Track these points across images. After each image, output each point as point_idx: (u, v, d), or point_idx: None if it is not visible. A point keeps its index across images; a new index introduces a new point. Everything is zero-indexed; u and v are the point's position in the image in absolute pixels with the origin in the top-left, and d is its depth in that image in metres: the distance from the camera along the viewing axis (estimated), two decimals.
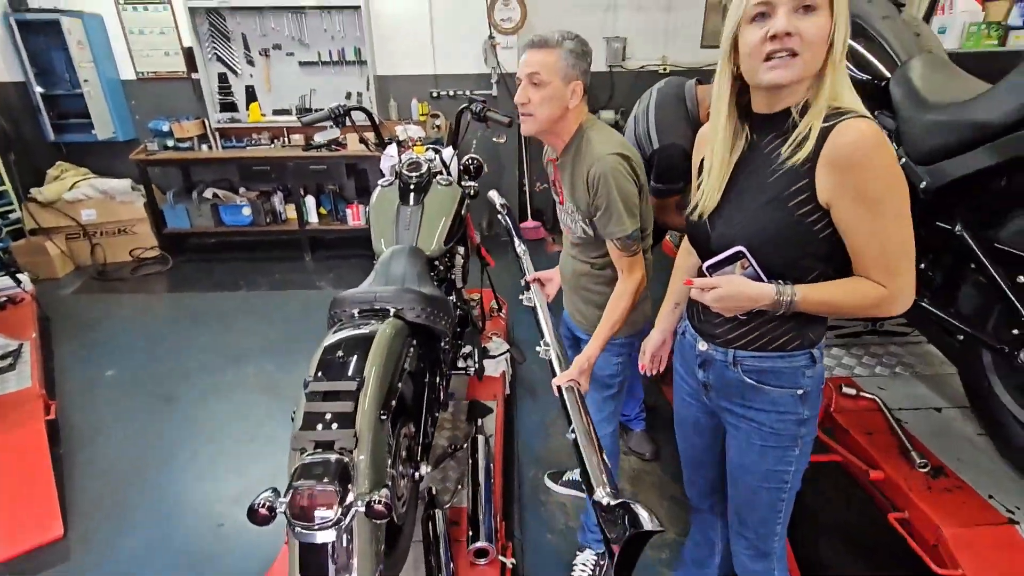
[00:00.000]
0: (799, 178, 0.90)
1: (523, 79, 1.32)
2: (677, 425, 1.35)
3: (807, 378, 1.03)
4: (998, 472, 1.12)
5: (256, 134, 4.64)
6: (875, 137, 0.83)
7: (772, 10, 0.85)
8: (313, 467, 1.09)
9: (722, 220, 1.01)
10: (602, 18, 4.57)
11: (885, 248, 0.87)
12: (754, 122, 0.99)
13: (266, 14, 4.37)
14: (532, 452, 2.34)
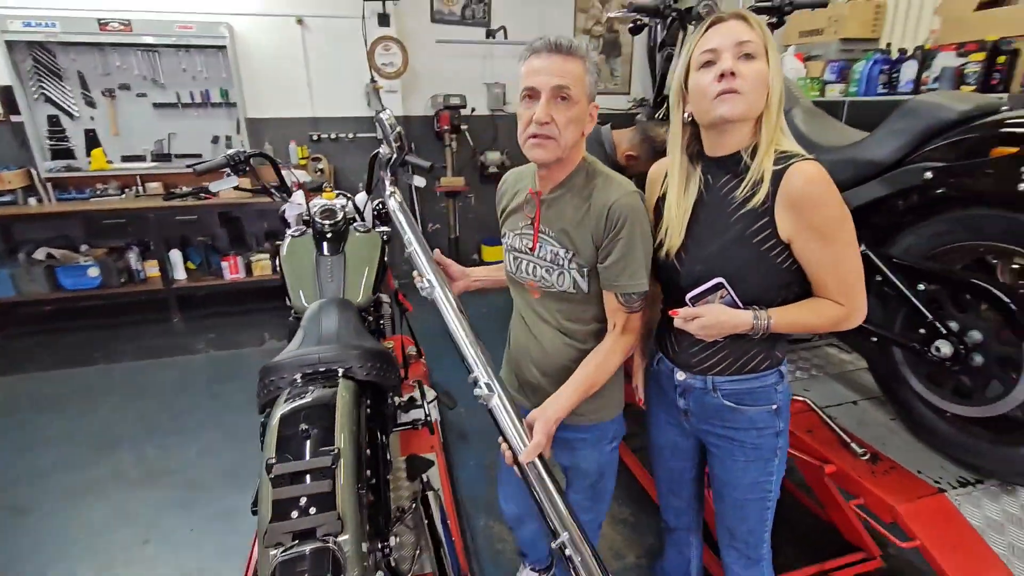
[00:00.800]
0: (760, 217, 1.00)
1: (545, 91, 1.03)
2: (655, 452, 1.38)
3: (779, 393, 1.13)
4: (916, 450, 1.33)
5: (101, 184, 4.04)
6: (824, 177, 0.96)
7: (718, 56, 0.97)
8: (297, 564, 0.94)
9: (689, 257, 1.09)
10: (481, 64, 4.77)
11: (840, 273, 0.99)
12: (707, 165, 1.09)
13: (108, 51, 3.88)
14: (478, 500, 2.26)
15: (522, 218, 1.22)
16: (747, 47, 0.95)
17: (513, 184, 1.28)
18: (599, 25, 4.98)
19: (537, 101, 1.05)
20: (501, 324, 1.45)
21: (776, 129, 1.00)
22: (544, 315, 1.25)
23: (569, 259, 1.16)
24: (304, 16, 4.16)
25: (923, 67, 2.62)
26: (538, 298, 1.25)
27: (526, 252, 1.23)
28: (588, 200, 1.13)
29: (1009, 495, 1.19)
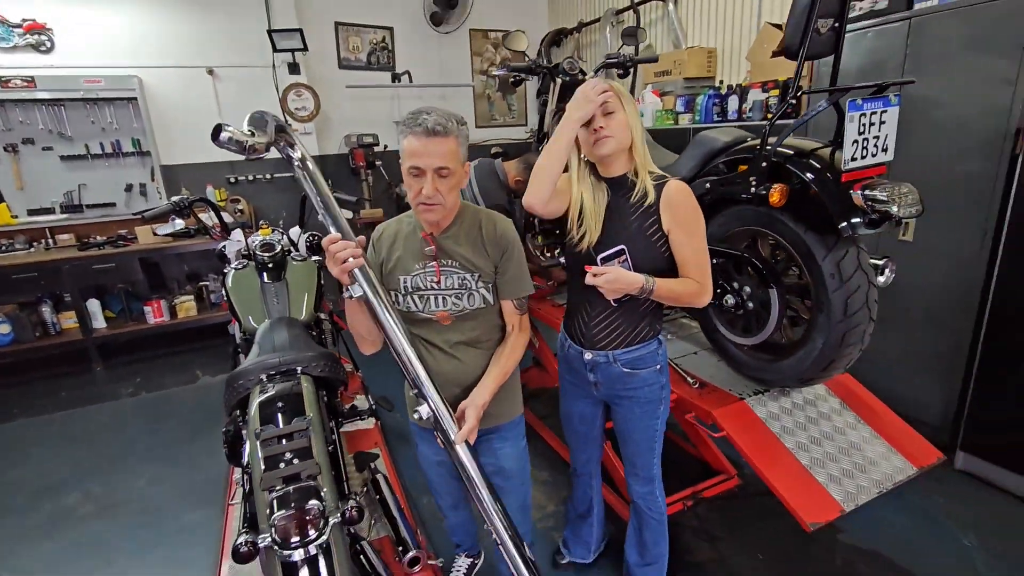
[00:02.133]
0: (650, 216, 1.38)
1: (429, 171, 1.24)
2: (567, 419, 1.75)
3: (660, 356, 1.50)
4: (729, 376, 1.88)
5: (5, 240, 3.99)
6: (688, 191, 1.38)
7: (592, 118, 1.35)
8: (289, 497, 1.27)
9: (603, 246, 1.43)
10: (389, 104, 5.18)
11: (697, 259, 1.37)
12: (607, 183, 1.45)
13: (9, 107, 3.89)
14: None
15: (417, 260, 1.38)
16: (607, 107, 1.34)
17: (392, 235, 1.43)
18: (493, 67, 5.58)
19: (423, 177, 1.25)
20: None
21: (644, 156, 1.42)
22: (457, 337, 1.43)
23: (476, 280, 1.39)
24: (215, 67, 4.39)
25: (742, 100, 3.37)
26: (450, 324, 1.42)
27: (431, 288, 1.39)
28: (479, 232, 1.39)
29: (784, 396, 1.75)
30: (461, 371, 1.45)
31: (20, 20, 3.84)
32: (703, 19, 3.92)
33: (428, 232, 1.38)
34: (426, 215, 1.31)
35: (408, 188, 1.30)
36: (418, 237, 1.39)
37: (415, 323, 1.43)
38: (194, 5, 4.25)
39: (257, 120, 1.28)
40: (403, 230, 1.43)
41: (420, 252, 1.39)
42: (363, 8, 4.88)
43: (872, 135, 1.39)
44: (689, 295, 1.39)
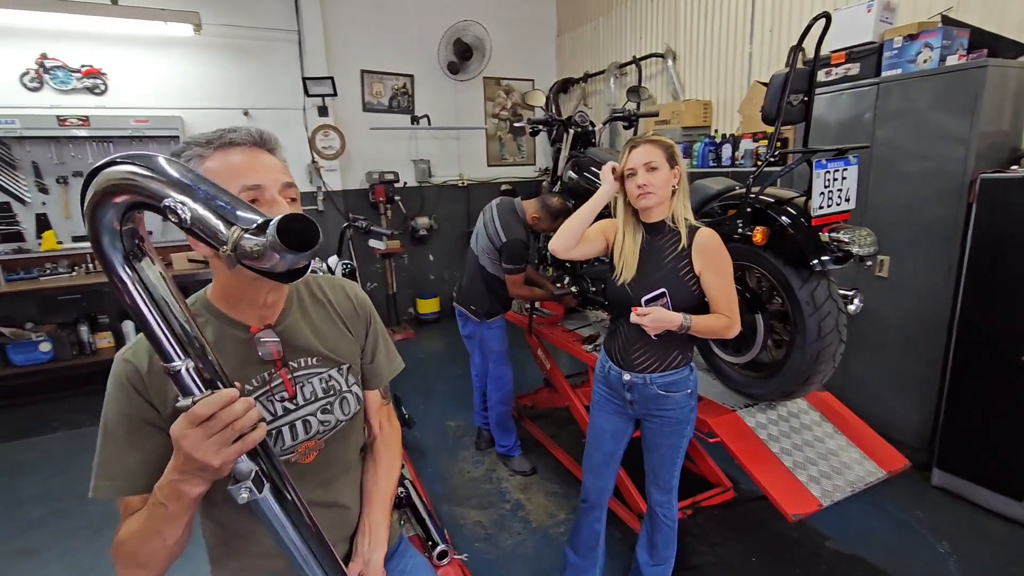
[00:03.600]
0: (682, 259, 1.56)
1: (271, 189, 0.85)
2: (596, 435, 1.83)
3: (691, 380, 1.67)
4: (722, 390, 2.13)
5: (50, 263, 4.28)
6: (717, 237, 1.56)
7: (635, 171, 1.56)
8: None
9: (638, 286, 1.59)
10: (408, 145, 5.57)
11: (726, 297, 1.54)
12: (645, 228, 1.64)
13: (64, 143, 4.24)
14: (438, 494, 2.79)
15: (244, 379, 0.88)
16: (652, 163, 1.53)
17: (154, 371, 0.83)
18: (504, 111, 5.99)
19: (264, 208, 0.83)
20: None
21: (684, 207, 1.61)
22: (329, 472, 0.98)
23: (347, 374, 0.99)
24: (250, 109, 4.78)
25: (735, 148, 3.72)
26: (314, 460, 0.96)
27: (283, 413, 0.92)
28: (328, 304, 1.02)
29: (771, 409, 2.00)
30: (346, 521, 1.02)
31: (79, 66, 4.23)
32: (699, 74, 4.31)
33: (258, 327, 0.90)
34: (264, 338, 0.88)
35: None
36: (234, 339, 0.88)
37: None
38: (235, 53, 4.67)
39: None
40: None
41: (249, 362, 0.89)
42: (387, 57, 5.31)
43: (836, 188, 1.69)
44: (721, 328, 1.53)
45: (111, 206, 0.64)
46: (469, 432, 3.33)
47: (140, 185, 0.62)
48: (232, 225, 0.60)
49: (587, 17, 5.51)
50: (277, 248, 0.58)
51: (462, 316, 2.95)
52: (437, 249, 5.88)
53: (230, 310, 0.89)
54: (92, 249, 0.68)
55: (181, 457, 0.71)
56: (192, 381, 0.69)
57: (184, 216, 0.61)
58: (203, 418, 0.67)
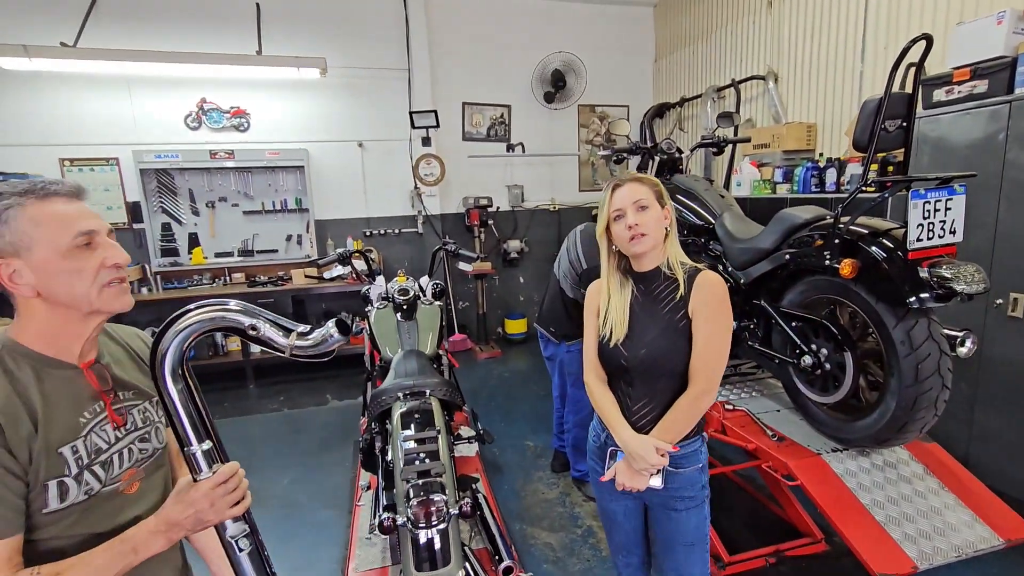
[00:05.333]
0: (679, 309, 1.36)
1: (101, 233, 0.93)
2: (609, 518, 1.61)
3: (702, 454, 1.45)
4: (811, 435, 1.99)
5: (197, 275, 5.00)
6: (721, 281, 1.37)
7: (623, 212, 1.37)
8: (425, 488, 1.63)
9: (633, 344, 1.40)
10: (502, 171, 5.81)
11: (707, 349, 1.33)
12: (637, 278, 1.45)
13: (214, 173, 4.97)
14: (512, 512, 2.85)
15: (80, 411, 0.92)
16: (641, 202, 1.35)
17: (4, 400, 0.84)
18: (599, 137, 6.06)
19: (96, 249, 0.90)
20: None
21: (677, 249, 1.43)
22: (150, 505, 1.01)
23: (156, 407, 1.06)
24: (364, 141, 5.28)
25: (840, 173, 3.47)
26: (137, 490, 1.00)
27: (115, 441, 0.96)
28: (126, 347, 1.08)
29: (863, 456, 1.84)
30: (175, 554, 1.11)
31: (229, 107, 4.96)
32: (803, 95, 4.10)
33: (89, 361, 0.96)
34: (124, 298, 0.95)
35: (75, 276, 0.88)
36: (61, 376, 0.92)
37: (96, 509, 0.92)
38: (352, 91, 5.20)
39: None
40: (21, 380, 0.87)
41: (79, 396, 0.93)
42: (486, 89, 5.62)
43: (938, 219, 1.56)
44: (692, 410, 1.35)
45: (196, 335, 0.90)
46: (547, 453, 3.37)
47: (231, 319, 0.90)
48: (290, 333, 0.91)
49: (685, 41, 5.46)
50: (336, 337, 0.90)
51: (543, 338, 3.02)
52: (527, 271, 6.03)
53: (47, 350, 0.91)
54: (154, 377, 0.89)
55: (185, 512, 0.90)
56: (205, 459, 0.93)
57: (258, 334, 0.90)
58: (221, 481, 0.91)
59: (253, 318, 0.90)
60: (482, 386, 4.64)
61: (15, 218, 0.85)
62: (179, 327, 0.88)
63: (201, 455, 0.93)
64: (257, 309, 0.92)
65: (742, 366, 2.63)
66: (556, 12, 5.64)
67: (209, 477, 0.92)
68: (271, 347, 0.91)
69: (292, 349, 0.91)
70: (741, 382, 2.52)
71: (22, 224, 0.85)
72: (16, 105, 4.49)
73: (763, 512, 2.64)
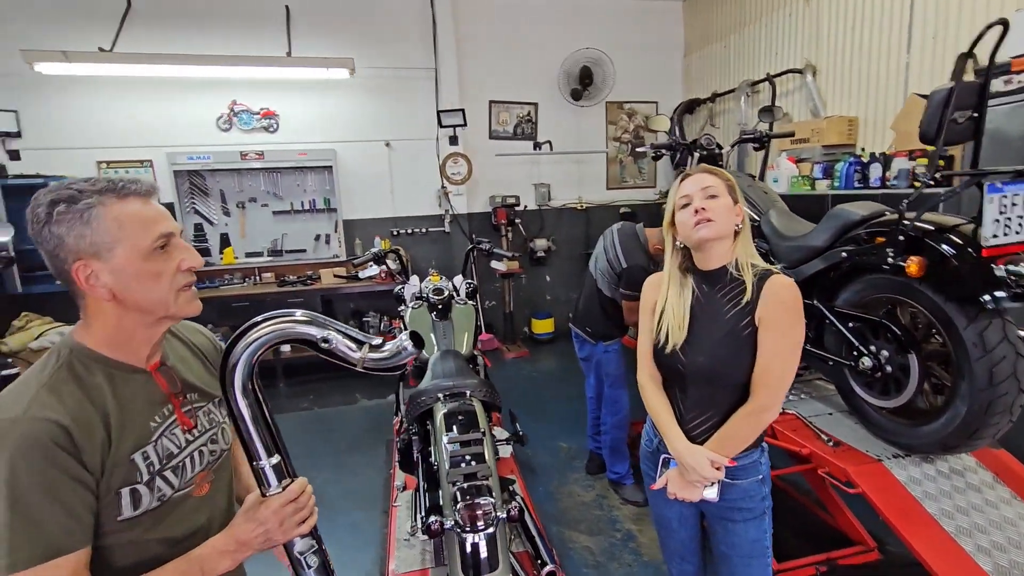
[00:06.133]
0: (746, 315, 1.27)
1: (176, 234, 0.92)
2: (660, 523, 1.56)
3: (763, 465, 1.37)
4: (867, 438, 1.91)
5: (228, 275, 5.05)
6: (795, 288, 1.26)
7: (691, 199, 1.31)
8: (472, 492, 1.60)
9: (691, 350, 1.31)
10: (529, 169, 5.76)
11: (772, 362, 1.24)
12: (700, 277, 1.36)
13: (244, 174, 5.02)
14: (549, 514, 2.81)
15: (151, 416, 0.91)
16: (710, 190, 1.29)
17: (76, 407, 0.81)
18: (627, 133, 5.98)
19: (175, 252, 0.89)
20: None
21: (749, 248, 1.32)
22: (223, 501, 1.03)
23: (219, 406, 1.04)
24: (391, 140, 5.29)
25: (886, 168, 3.35)
26: (207, 492, 0.99)
27: (185, 444, 0.95)
28: (189, 344, 1.07)
29: (927, 463, 1.75)
30: None
31: (259, 109, 5.01)
32: (844, 88, 3.98)
33: (155, 364, 0.94)
34: (195, 303, 0.94)
35: (151, 280, 0.86)
36: (131, 381, 0.90)
37: (164, 514, 0.91)
38: (380, 91, 5.21)
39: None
40: (94, 388, 0.85)
41: (150, 400, 0.92)
42: (513, 87, 5.58)
43: (1016, 214, 1.47)
44: (755, 424, 1.28)
45: (266, 347, 0.87)
46: (581, 455, 3.32)
47: (302, 332, 0.86)
48: (362, 345, 0.87)
49: (717, 35, 5.35)
50: (410, 350, 0.87)
51: (578, 338, 2.97)
52: (554, 270, 5.98)
53: (116, 354, 0.89)
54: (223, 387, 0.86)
55: (254, 531, 0.87)
56: (275, 473, 0.91)
57: (330, 346, 0.85)
58: (291, 499, 0.89)
59: (324, 330, 0.86)
60: (511, 386, 4.61)
61: (98, 218, 0.82)
62: (249, 339, 0.86)
63: (270, 469, 0.90)
64: (326, 319, 0.88)
65: None
66: (583, 8, 5.57)
67: (279, 494, 0.90)
68: (343, 361, 0.87)
69: (364, 362, 0.87)
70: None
71: (105, 224, 0.82)
72: (56, 109, 4.60)
73: (810, 518, 2.55)
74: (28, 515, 0.75)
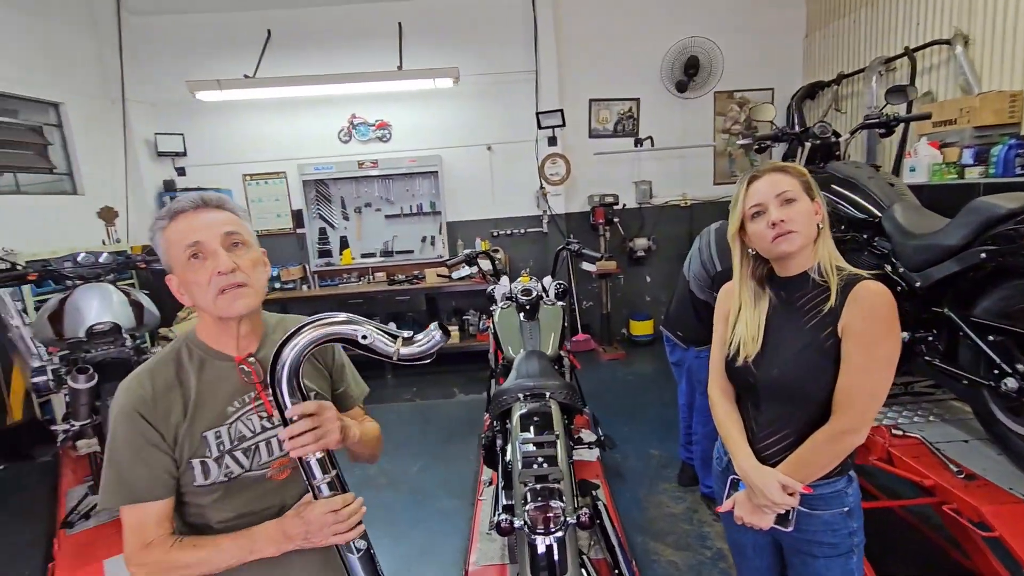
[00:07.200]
0: (828, 325, 1.14)
1: (213, 243, 0.97)
2: (735, 550, 1.45)
3: (849, 496, 1.21)
4: (1015, 474, 1.61)
5: (346, 274, 5.53)
6: (887, 295, 1.11)
7: (764, 208, 1.17)
8: (543, 493, 1.60)
9: (765, 362, 1.21)
10: (630, 168, 5.61)
11: (858, 382, 1.10)
12: (778, 284, 1.24)
13: (361, 181, 5.46)
14: (634, 523, 2.72)
15: (230, 400, 1.02)
16: (787, 194, 1.15)
17: (164, 389, 0.97)
18: (737, 124, 5.59)
19: (210, 255, 0.95)
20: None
21: (832, 250, 1.19)
22: (299, 491, 1.06)
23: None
24: (492, 144, 5.44)
25: None
26: (287, 478, 1.07)
27: (260, 430, 1.04)
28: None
29: None
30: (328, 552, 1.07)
31: (374, 120, 5.42)
32: (1004, 60, 3.37)
33: (240, 355, 1.03)
34: (237, 304, 0.97)
35: (194, 287, 0.95)
36: (220, 368, 1.02)
37: (237, 490, 1.01)
38: (482, 97, 5.37)
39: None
40: (186, 370, 1.00)
41: (232, 386, 1.02)
42: (614, 84, 5.47)
43: None
44: (837, 448, 1.13)
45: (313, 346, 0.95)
46: (672, 464, 3.17)
47: (343, 331, 0.94)
48: (396, 339, 0.94)
49: (844, 10, 4.80)
50: (438, 339, 0.94)
51: (669, 342, 2.85)
52: (655, 270, 5.77)
53: (215, 344, 1.04)
54: (271, 383, 0.94)
55: (299, 528, 0.96)
56: (328, 486, 1.00)
57: (368, 342, 0.93)
58: (337, 508, 0.97)
59: (362, 328, 0.94)
60: (605, 388, 4.53)
61: (157, 243, 0.99)
62: (296, 342, 0.94)
63: (314, 462, 0.99)
64: (361, 319, 0.95)
65: (915, 384, 2.22)
66: None
67: (326, 500, 0.98)
68: (379, 355, 0.94)
69: (399, 355, 0.94)
70: (914, 403, 2.13)
71: (161, 246, 0.99)
72: (209, 130, 5.34)
73: (942, 559, 2.21)
74: (119, 467, 0.94)
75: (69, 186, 4.69)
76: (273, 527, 0.98)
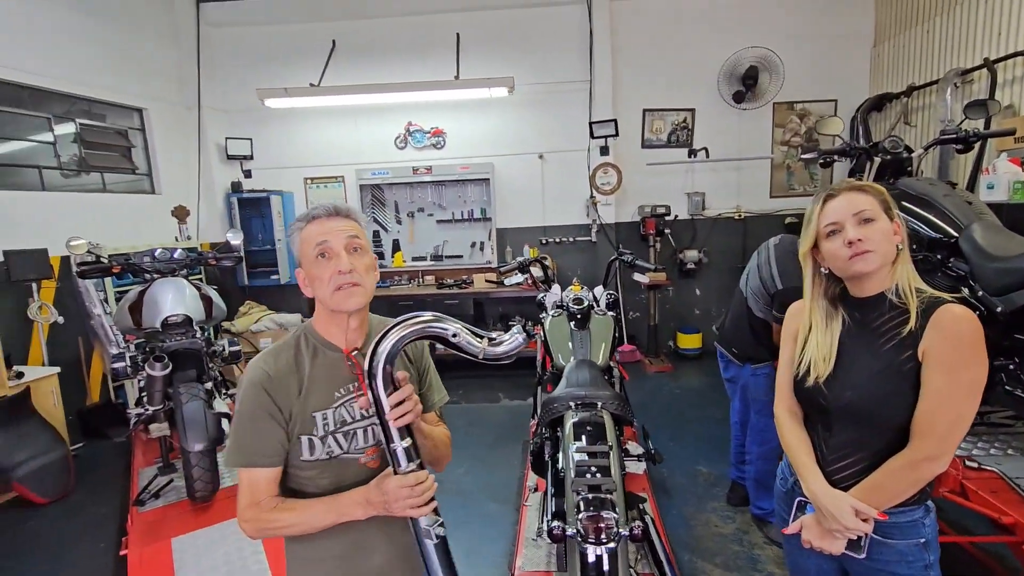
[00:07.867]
0: (907, 348, 1.11)
1: (337, 246, 1.09)
2: (796, 575, 1.41)
3: (926, 527, 1.16)
4: None
5: (397, 276, 5.68)
6: (974, 320, 1.07)
7: (840, 227, 1.14)
8: (596, 503, 1.62)
9: (838, 384, 1.18)
10: (683, 179, 5.53)
11: (939, 409, 1.07)
12: (853, 305, 1.21)
13: (415, 186, 5.61)
14: (680, 540, 2.68)
15: (336, 387, 1.14)
16: (865, 213, 1.13)
17: (289, 367, 1.11)
18: (797, 136, 5.43)
19: (333, 256, 1.08)
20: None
21: (911, 270, 1.16)
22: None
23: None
24: (544, 152, 5.49)
25: None
26: (376, 467, 1.17)
27: (359, 418, 1.15)
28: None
29: None
30: (389, 535, 1.20)
31: (429, 128, 5.56)
32: None
33: (347, 348, 1.15)
34: (351, 300, 1.08)
35: (317, 281, 1.09)
36: (330, 357, 1.15)
37: (335, 469, 1.14)
38: (535, 106, 5.44)
39: None
40: (303, 356, 1.14)
41: (339, 375, 1.15)
42: (669, 94, 5.42)
43: None
44: (915, 476, 1.10)
45: (407, 343, 1.05)
46: (721, 482, 3.10)
47: (435, 328, 1.03)
48: (483, 339, 1.03)
49: (917, 19, 4.60)
50: (521, 341, 1.03)
51: (723, 358, 2.80)
52: (705, 283, 5.66)
53: (327, 335, 1.16)
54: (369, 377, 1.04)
55: (379, 497, 1.05)
56: (405, 455, 1.07)
57: (457, 340, 1.02)
58: (411, 484, 1.04)
59: (453, 326, 1.03)
60: (651, 401, 4.47)
61: (294, 241, 1.15)
62: (393, 337, 1.02)
63: (401, 451, 1.07)
64: (449, 318, 1.04)
65: (993, 414, 2.11)
66: (748, 3, 5.20)
67: (403, 476, 1.06)
68: (467, 352, 1.03)
69: (484, 354, 1.03)
70: (990, 435, 2.02)
71: (296, 243, 1.14)
72: (276, 135, 5.62)
73: None
74: (240, 433, 1.09)
75: (148, 186, 5.03)
76: (359, 493, 1.09)
